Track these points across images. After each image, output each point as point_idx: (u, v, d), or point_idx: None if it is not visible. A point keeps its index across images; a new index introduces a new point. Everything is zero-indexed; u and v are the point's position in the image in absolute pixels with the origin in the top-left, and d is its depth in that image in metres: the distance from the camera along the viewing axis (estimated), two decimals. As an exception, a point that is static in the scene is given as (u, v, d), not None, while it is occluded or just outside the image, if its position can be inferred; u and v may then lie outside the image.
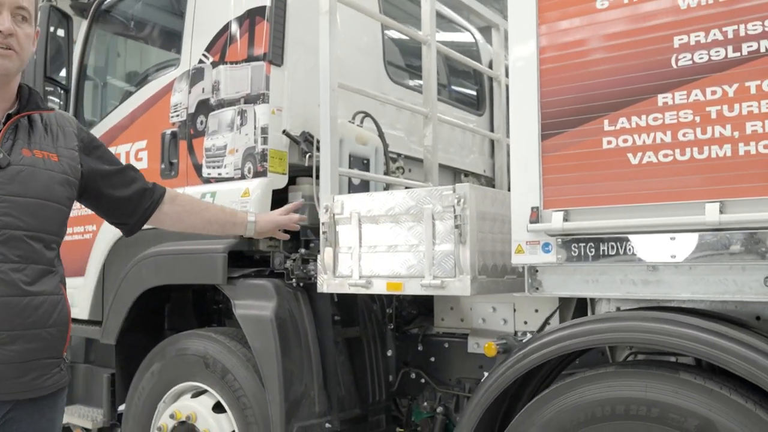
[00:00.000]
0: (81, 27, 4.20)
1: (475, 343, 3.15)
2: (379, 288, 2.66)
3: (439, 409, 3.24)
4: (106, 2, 4.09)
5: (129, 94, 3.88)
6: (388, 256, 2.66)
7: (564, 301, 2.81)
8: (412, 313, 3.59)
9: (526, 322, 3.04)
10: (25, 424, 1.78)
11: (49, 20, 3.70)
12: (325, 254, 2.80)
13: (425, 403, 3.32)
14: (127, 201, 2.22)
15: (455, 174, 4.36)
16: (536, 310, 3.00)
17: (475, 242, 2.48)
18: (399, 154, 3.76)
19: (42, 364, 1.79)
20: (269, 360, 2.92)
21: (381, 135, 3.40)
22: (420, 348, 3.41)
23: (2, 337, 1.70)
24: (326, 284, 2.83)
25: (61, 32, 3.81)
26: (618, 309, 2.51)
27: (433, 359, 3.35)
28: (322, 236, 2.82)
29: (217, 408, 3.18)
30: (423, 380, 3.36)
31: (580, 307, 2.72)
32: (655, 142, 2.17)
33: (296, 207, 2.97)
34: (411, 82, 3.96)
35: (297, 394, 2.94)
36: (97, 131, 3.88)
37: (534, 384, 2.62)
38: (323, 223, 2.81)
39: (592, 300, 2.58)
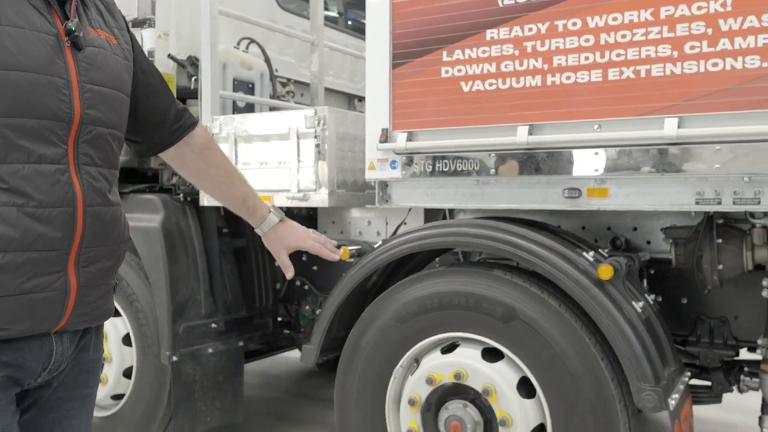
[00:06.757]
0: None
1: (352, 252, 3.49)
2: (251, 201, 2.95)
3: (319, 311, 3.59)
4: None
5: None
6: (260, 172, 2.94)
7: (427, 212, 3.16)
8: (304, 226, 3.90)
9: (395, 234, 3.40)
10: (92, 351, 1.54)
11: None
12: (205, 170, 3.06)
13: (307, 307, 3.68)
14: (156, 109, 1.66)
15: (349, 99, 4.61)
16: (405, 223, 3.35)
17: (333, 160, 2.79)
18: (289, 79, 3.98)
19: (110, 285, 1.50)
20: (156, 267, 3.20)
21: (267, 60, 3.61)
22: (304, 258, 3.73)
23: (91, 255, 1.39)
24: (206, 198, 3.10)
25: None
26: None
27: (315, 268, 3.69)
28: (201, 154, 3.06)
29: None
30: (306, 287, 3.71)
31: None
32: (483, 72, 2.49)
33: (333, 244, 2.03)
34: (303, 10, 4.14)
35: (183, 297, 3.24)
36: None
37: (401, 276, 2.99)
38: (203, 142, 3.05)
39: (451, 210, 2.94)
